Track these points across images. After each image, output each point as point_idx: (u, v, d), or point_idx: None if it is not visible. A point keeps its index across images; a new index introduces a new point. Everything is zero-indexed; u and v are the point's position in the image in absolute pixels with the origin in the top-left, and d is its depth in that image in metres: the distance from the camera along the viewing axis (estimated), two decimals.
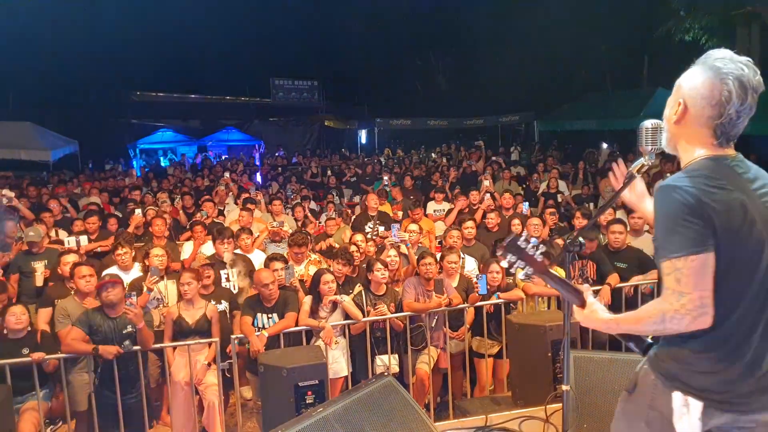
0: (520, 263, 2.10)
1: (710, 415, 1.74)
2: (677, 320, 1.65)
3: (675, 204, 1.65)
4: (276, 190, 12.19)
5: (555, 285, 2.10)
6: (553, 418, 3.24)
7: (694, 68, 1.78)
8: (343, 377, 4.93)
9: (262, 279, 4.82)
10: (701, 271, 1.63)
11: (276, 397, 3.57)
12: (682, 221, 1.63)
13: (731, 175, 1.71)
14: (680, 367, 1.77)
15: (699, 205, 1.63)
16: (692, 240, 1.63)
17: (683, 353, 1.76)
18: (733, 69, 1.70)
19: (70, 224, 7.35)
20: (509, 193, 8.61)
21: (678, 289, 1.64)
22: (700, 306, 1.63)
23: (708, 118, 1.73)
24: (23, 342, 4.36)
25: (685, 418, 1.74)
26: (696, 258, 1.63)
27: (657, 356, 1.85)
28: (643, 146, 1.99)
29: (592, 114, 17.61)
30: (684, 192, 1.65)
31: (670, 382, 1.79)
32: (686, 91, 1.78)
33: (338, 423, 2.43)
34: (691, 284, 1.63)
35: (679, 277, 1.64)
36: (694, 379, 1.75)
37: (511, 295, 5.25)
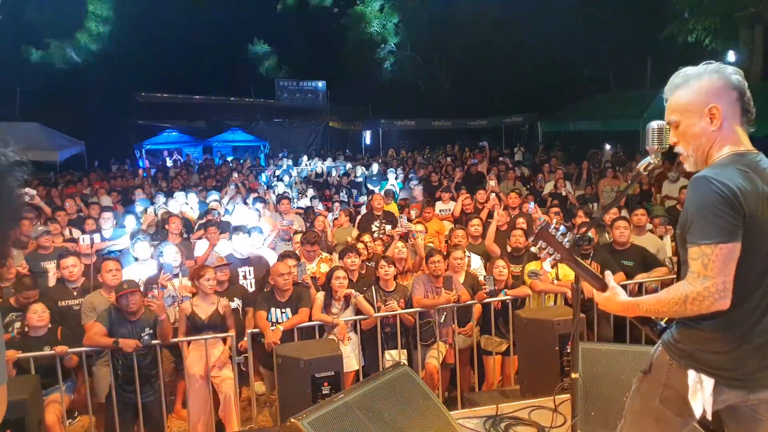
0: (549, 249, 2.27)
1: (720, 391, 1.89)
2: (698, 302, 1.80)
3: (709, 194, 1.78)
4: (282, 190, 12.32)
5: (580, 270, 2.27)
6: (561, 408, 3.36)
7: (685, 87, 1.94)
8: (354, 371, 5.05)
9: (278, 269, 4.96)
10: (728, 258, 1.77)
11: (293, 388, 3.69)
12: (716, 211, 1.77)
13: (756, 169, 1.86)
14: (694, 347, 1.92)
15: (734, 197, 1.77)
16: (723, 229, 1.77)
17: (698, 334, 1.91)
18: (715, 67, 1.92)
19: (83, 223, 7.49)
20: (515, 193, 8.71)
21: (704, 273, 1.79)
22: (723, 290, 1.77)
23: (735, 102, 1.90)
24: (44, 339, 4.49)
25: (699, 394, 1.89)
26: (725, 246, 1.77)
27: (672, 338, 2.00)
28: (650, 146, 2.11)
29: (595, 115, 17.69)
30: (720, 184, 1.78)
31: (685, 360, 1.94)
32: (711, 97, 1.91)
33: (359, 409, 2.55)
34: (717, 270, 1.77)
35: (706, 263, 1.78)
36: (707, 357, 1.89)
37: (518, 291, 5.37)
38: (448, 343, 5.34)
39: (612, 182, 10.51)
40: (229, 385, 4.78)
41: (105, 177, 14.25)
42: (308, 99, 27.67)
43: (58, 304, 5.07)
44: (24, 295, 4.76)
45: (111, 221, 7.12)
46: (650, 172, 2.21)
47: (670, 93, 1.98)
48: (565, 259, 2.28)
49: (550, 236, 2.27)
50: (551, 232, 2.26)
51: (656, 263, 5.53)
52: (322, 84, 27.58)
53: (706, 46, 14.70)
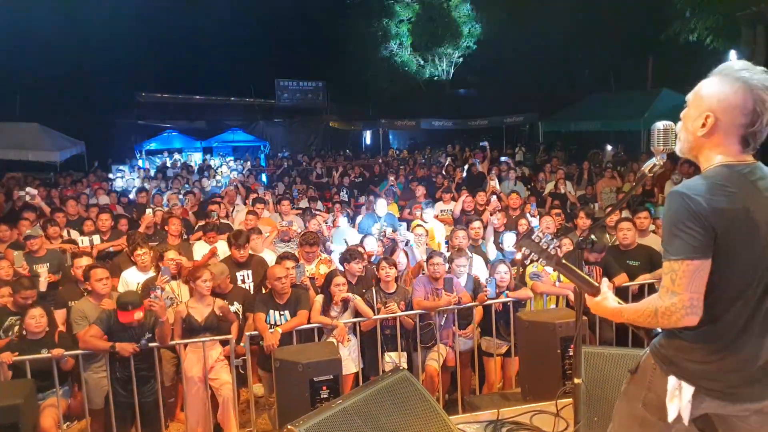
0: (534, 256, 2.26)
1: (701, 399, 1.88)
2: (667, 317, 1.81)
3: (680, 209, 1.77)
4: (282, 190, 12.29)
5: (570, 275, 2.25)
6: (563, 413, 3.31)
7: (717, 79, 1.84)
8: (353, 374, 5.00)
9: (275, 273, 4.90)
10: (695, 275, 1.76)
11: (291, 392, 3.65)
12: (684, 227, 1.76)
13: (741, 182, 1.79)
14: (676, 355, 1.92)
15: (702, 213, 1.74)
16: (690, 246, 1.75)
17: (680, 343, 1.91)
18: (760, 79, 1.78)
19: (82, 224, 7.45)
20: (516, 194, 8.67)
21: (672, 289, 1.80)
22: (689, 306, 1.77)
23: (740, 126, 1.80)
24: (42, 342, 4.44)
25: (676, 400, 1.89)
26: (692, 263, 1.76)
27: (658, 343, 2.00)
28: (656, 147, 2.07)
29: (596, 115, 17.62)
30: (690, 199, 1.76)
31: (667, 366, 1.94)
32: (715, 102, 1.83)
33: (357, 415, 2.50)
34: (683, 286, 1.77)
35: (674, 278, 1.79)
36: (688, 366, 1.89)
37: (519, 293, 5.32)
38: (448, 345, 5.30)
39: (610, 183, 10.47)
40: (228, 388, 4.73)
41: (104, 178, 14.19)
42: (308, 99, 27.62)
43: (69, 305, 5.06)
44: (22, 295, 4.71)
45: (110, 221, 7.07)
46: (654, 173, 2.17)
47: (710, 74, 1.89)
48: (551, 264, 2.27)
49: (533, 243, 2.25)
50: (534, 240, 2.25)
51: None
52: (323, 84, 27.53)
53: (708, 45, 14.62)
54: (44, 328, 4.51)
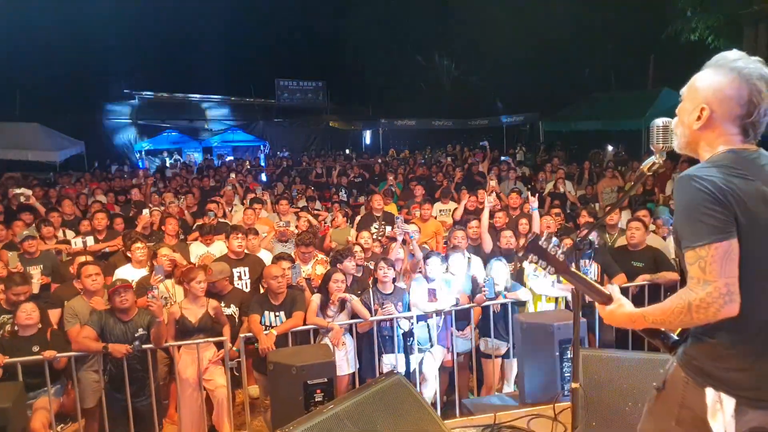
0: (542, 263, 2.12)
1: (744, 412, 1.71)
2: (704, 309, 1.64)
3: (694, 193, 1.66)
4: (281, 190, 12.23)
5: (578, 283, 2.12)
6: (561, 417, 3.25)
7: (710, 71, 1.79)
8: (348, 375, 4.95)
9: (271, 272, 4.85)
10: (726, 258, 1.62)
11: (285, 395, 3.59)
12: (703, 209, 1.63)
13: (752, 166, 1.71)
14: (711, 364, 1.76)
15: (719, 192, 1.63)
16: (714, 228, 1.62)
17: (713, 349, 1.75)
18: (755, 69, 1.72)
19: (78, 224, 7.40)
20: (516, 193, 8.60)
21: (704, 278, 1.64)
22: (727, 293, 1.62)
23: (736, 117, 1.74)
24: (34, 339, 4.39)
25: (719, 415, 1.73)
26: (719, 245, 1.62)
27: (687, 353, 1.84)
28: (655, 144, 1.99)
29: (597, 114, 17.57)
30: (702, 180, 1.65)
31: (702, 378, 1.78)
32: (710, 94, 1.77)
33: (349, 420, 2.45)
34: (716, 272, 1.62)
35: (703, 266, 1.64)
36: (725, 375, 1.73)
37: (518, 294, 5.26)
38: (446, 346, 5.24)
39: (611, 182, 10.41)
40: (222, 390, 4.68)
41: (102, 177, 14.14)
42: (308, 99, 27.60)
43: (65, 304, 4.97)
44: (13, 291, 4.65)
45: (105, 221, 7.01)
46: (654, 171, 2.09)
47: (704, 66, 1.83)
48: (560, 272, 2.12)
49: (541, 249, 2.12)
50: (542, 245, 2.11)
51: (667, 264, 5.39)
52: (323, 83, 27.50)
53: (710, 44, 14.57)
54: (36, 323, 4.45)
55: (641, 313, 1.86)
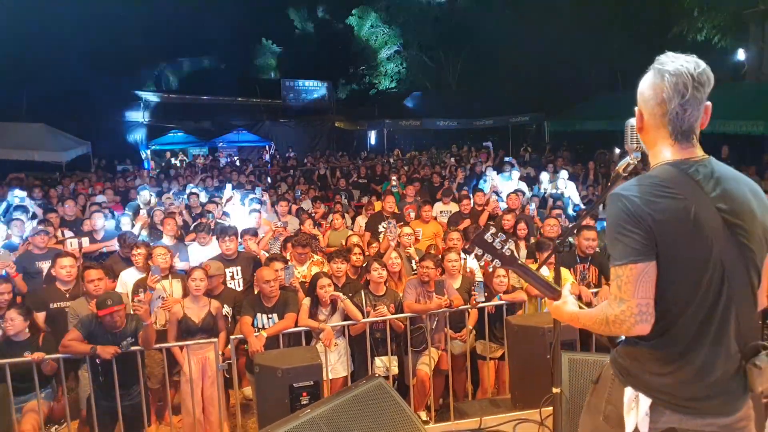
0: (487, 256, 2.18)
1: (660, 412, 1.78)
2: (618, 325, 1.73)
3: (618, 213, 1.70)
4: (285, 190, 12.23)
5: (527, 278, 2.19)
6: (548, 421, 3.20)
7: (645, 74, 1.83)
8: (342, 377, 4.92)
9: (264, 276, 4.83)
10: (641, 279, 1.67)
11: (271, 398, 3.57)
12: (623, 230, 1.68)
13: (685, 182, 1.71)
14: (633, 365, 1.83)
15: (640, 214, 1.66)
16: (632, 249, 1.67)
17: (636, 352, 1.83)
18: (672, 66, 1.74)
19: (80, 225, 7.42)
20: (516, 194, 8.55)
21: (620, 296, 1.71)
22: (639, 314, 1.69)
23: (660, 117, 1.76)
24: (25, 344, 4.38)
25: (633, 413, 1.80)
26: (635, 267, 1.67)
27: (617, 353, 1.92)
28: (629, 145, 1.97)
29: (603, 114, 17.43)
30: (627, 201, 1.68)
31: (624, 377, 1.86)
32: (639, 97, 1.82)
33: (326, 424, 2.42)
34: (630, 292, 1.68)
35: (620, 285, 1.71)
36: (644, 377, 1.80)
37: (513, 296, 5.21)
38: (440, 349, 5.20)
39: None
40: (215, 392, 4.67)
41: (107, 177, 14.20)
42: (314, 99, 27.61)
43: (50, 306, 4.97)
44: None
45: (102, 221, 7.03)
46: (630, 173, 2.06)
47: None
48: (506, 265, 2.19)
49: (486, 243, 2.16)
50: (487, 239, 2.16)
51: None
52: (328, 84, 27.50)
53: (716, 44, 14.42)
54: (22, 330, 4.44)
55: (577, 315, 1.97)
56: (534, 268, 2.21)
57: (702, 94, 1.73)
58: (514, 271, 2.19)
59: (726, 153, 10.98)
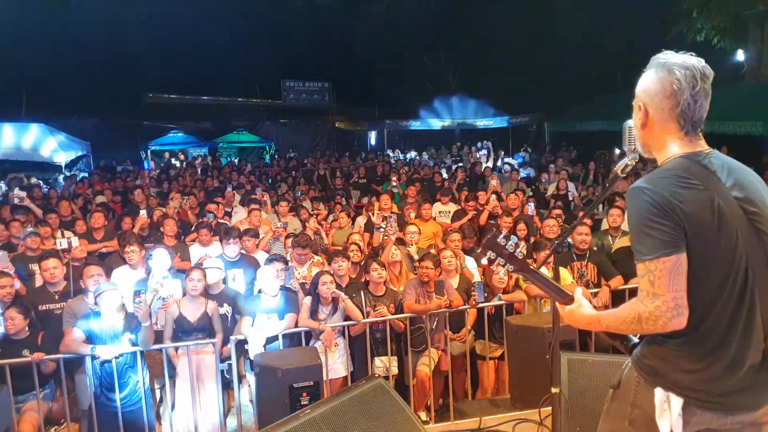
0: (500, 260, 2.14)
1: (692, 412, 1.74)
2: (653, 322, 1.68)
3: (644, 206, 1.67)
4: (285, 190, 12.23)
5: (537, 282, 2.14)
6: (547, 421, 3.20)
7: (645, 72, 1.85)
8: (342, 377, 4.93)
9: (263, 274, 4.83)
10: (674, 272, 1.64)
11: (271, 398, 3.58)
12: (652, 223, 1.65)
13: (703, 173, 1.71)
14: (662, 365, 1.79)
15: (668, 206, 1.64)
16: (663, 242, 1.64)
17: (664, 351, 1.78)
18: (679, 60, 1.77)
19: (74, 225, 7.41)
20: (516, 195, 8.55)
21: (652, 291, 1.67)
22: (675, 308, 1.65)
23: (669, 110, 1.76)
24: (24, 343, 4.39)
25: (666, 414, 1.76)
26: (668, 260, 1.64)
27: (640, 354, 1.87)
28: (627, 146, 1.98)
29: (603, 115, 17.45)
30: (653, 194, 1.66)
31: (652, 378, 1.81)
32: (642, 94, 1.82)
33: (326, 425, 2.42)
34: (664, 286, 1.64)
35: (652, 279, 1.66)
36: (675, 376, 1.76)
37: (512, 296, 5.21)
38: (440, 349, 5.20)
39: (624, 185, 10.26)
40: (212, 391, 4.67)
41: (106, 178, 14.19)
42: (314, 99, 27.59)
43: (39, 308, 4.96)
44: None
45: (102, 221, 7.03)
46: (629, 174, 2.07)
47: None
48: (518, 270, 2.14)
49: (500, 246, 2.12)
50: (501, 242, 2.12)
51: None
52: (328, 84, 27.49)
53: (715, 45, 14.43)
54: (23, 329, 4.45)
55: (597, 317, 1.90)
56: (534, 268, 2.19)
57: (708, 86, 1.76)
58: (525, 276, 2.17)
59: (725, 153, 10.97)
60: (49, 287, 5.18)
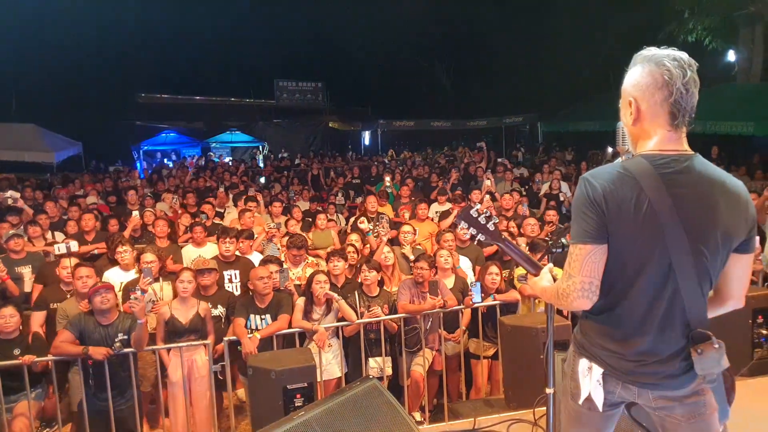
0: (472, 230, 2.26)
1: (613, 383, 1.89)
2: (564, 297, 1.86)
3: (580, 195, 1.81)
4: (278, 191, 12.19)
5: (511, 252, 2.27)
6: (541, 421, 3.21)
7: (630, 70, 1.88)
8: (336, 378, 4.91)
9: (257, 273, 4.82)
10: (587, 259, 1.78)
11: (265, 400, 3.56)
12: (580, 212, 1.80)
13: (649, 173, 1.76)
14: (585, 338, 1.97)
15: (597, 198, 1.76)
16: (585, 231, 1.78)
17: (587, 326, 1.97)
18: (665, 52, 1.81)
19: (65, 226, 7.35)
20: (510, 195, 8.56)
21: (569, 271, 1.83)
22: (581, 290, 1.80)
23: (661, 102, 1.79)
24: (14, 343, 4.35)
25: (587, 380, 1.92)
26: (584, 247, 1.79)
27: (575, 330, 2.05)
28: (620, 146, 2.00)
29: (596, 115, 17.50)
30: (590, 186, 1.78)
31: (579, 350, 1.99)
32: (631, 89, 1.86)
33: (320, 426, 2.41)
34: (577, 269, 1.80)
35: (570, 261, 1.83)
36: (594, 348, 1.93)
37: (506, 296, 5.22)
38: (435, 349, 5.19)
39: None
40: (207, 394, 4.64)
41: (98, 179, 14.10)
42: (308, 99, 27.52)
43: (50, 306, 4.96)
44: None
45: (93, 222, 6.97)
46: None
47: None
48: (492, 240, 2.27)
49: (472, 218, 2.25)
50: (473, 215, 2.25)
51: None
52: (322, 84, 27.43)
53: (707, 45, 14.52)
54: (16, 328, 4.41)
55: (544, 289, 2.08)
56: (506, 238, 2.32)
57: (696, 75, 1.79)
58: (498, 246, 2.28)
59: (716, 153, 11.05)
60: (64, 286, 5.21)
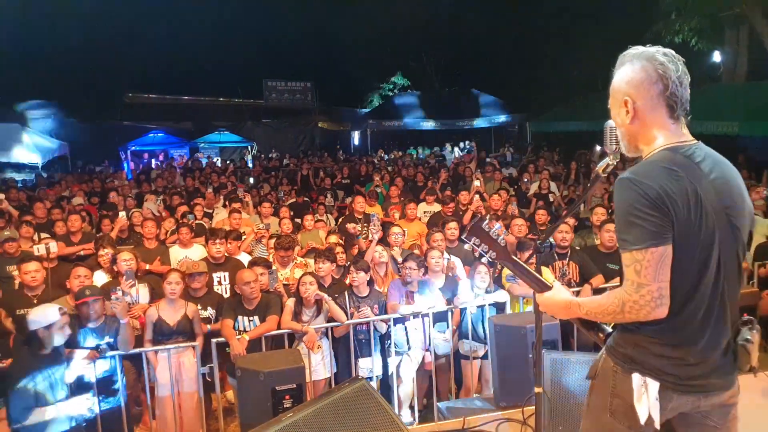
0: (483, 247, 2.14)
1: (669, 397, 1.79)
2: (636, 311, 1.71)
3: (633, 197, 1.69)
4: (267, 191, 12.13)
5: (517, 271, 2.15)
6: (530, 420, 3.22)
7: (619, 70, 1.87)
8: (325, 379, 4.89)
9: (243, 277, 4.78)
10: (660, 262, 1.67)
11: (253, 402, 3.54)
12: (641, 214, 1.67)
13: (687, 165, 1.75)
14: (637, 351, 1.83)
15: (657, 197, 1.67)
16: (651, 233, 1.67)
17: (638, 338, 1.82)
18: (652, 50, 1.81)
19: (51, 227, 7.27)
20: (499, 195, 8.58)
21: (638, 281, 1.69)
22: (658, 297, 1.68)
23: (658, 96, 1.79)
24: None
25: (644, 398, 1.79)
26: (656, 251, 1.67)
27: (614, 343, 1.90)
28: (608, 146, 1.99)
29: (584, 115, 17.61)
30: (642, 185, 1.68)
31: (629, 365, 1.84)
32: (625, 87, 1.83)
33: (309, 428, 2.39)
34: (650, 276, 1.68)
35: (638, 269, 1.69)
36: (650, 361, 1.80)
37: (495, 296, 5.23)
38: (424, 350, 5.19)
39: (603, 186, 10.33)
40: (195, 396, 4.61)
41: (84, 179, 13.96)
42: (296, 99, 27.40)
43: (16, 312, 4.85)
44: None
45: (79, 223, 6.91)
46: (610, 174, 2.08)
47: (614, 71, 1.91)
48: (500, 259, 2.16)
49: (484, 233, 2.12)
50: (485, 228, 2.12)
51: None
52: (311, 84, 27.34)
53: (693, 46, 14.67)
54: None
55: (578, 303, 1.92)
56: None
57: (685, 69, 1.80)
58: (506, 266, 2.17)
59: None
60: (27, 291, 5.07)
